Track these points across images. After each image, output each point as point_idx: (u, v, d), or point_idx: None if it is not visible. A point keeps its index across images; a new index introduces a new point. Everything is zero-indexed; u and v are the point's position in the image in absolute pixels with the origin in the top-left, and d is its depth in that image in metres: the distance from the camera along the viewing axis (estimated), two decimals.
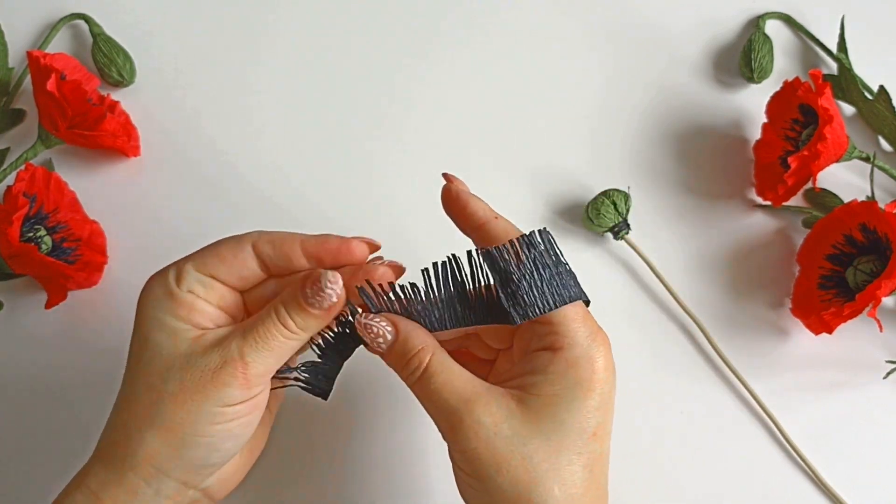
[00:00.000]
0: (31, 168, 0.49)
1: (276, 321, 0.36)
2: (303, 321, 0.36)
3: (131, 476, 0.35)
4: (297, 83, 0.57)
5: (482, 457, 0.35)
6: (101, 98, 0.54)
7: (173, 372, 0.35)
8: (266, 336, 0.36)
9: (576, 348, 0.36)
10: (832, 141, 0.50)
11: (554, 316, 0.36)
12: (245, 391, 0.36)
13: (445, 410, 0.35)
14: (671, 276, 0.53)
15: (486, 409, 0.35)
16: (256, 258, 0.37)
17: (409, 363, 0.36)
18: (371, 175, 0.55)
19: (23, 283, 0.52)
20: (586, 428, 0.35)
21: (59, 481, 0.38)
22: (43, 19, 0.58)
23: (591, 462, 0.35)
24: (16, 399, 0.50)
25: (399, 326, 0.37)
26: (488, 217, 0.38)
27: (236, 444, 0.37)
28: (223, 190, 0.55)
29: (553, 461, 0.35)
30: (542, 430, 0.35)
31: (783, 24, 0.59)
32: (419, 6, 0.59)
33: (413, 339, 0.36)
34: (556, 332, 0.36)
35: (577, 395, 0.35)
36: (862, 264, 0.50)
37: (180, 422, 0.35)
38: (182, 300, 0.37)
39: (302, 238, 0.38)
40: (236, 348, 0.35)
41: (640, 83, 0.58)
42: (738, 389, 0.51)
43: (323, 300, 0.36)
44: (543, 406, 0.35)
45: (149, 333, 0.36)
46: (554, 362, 0.36)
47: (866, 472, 0.49)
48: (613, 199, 0.52)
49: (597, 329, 0.37)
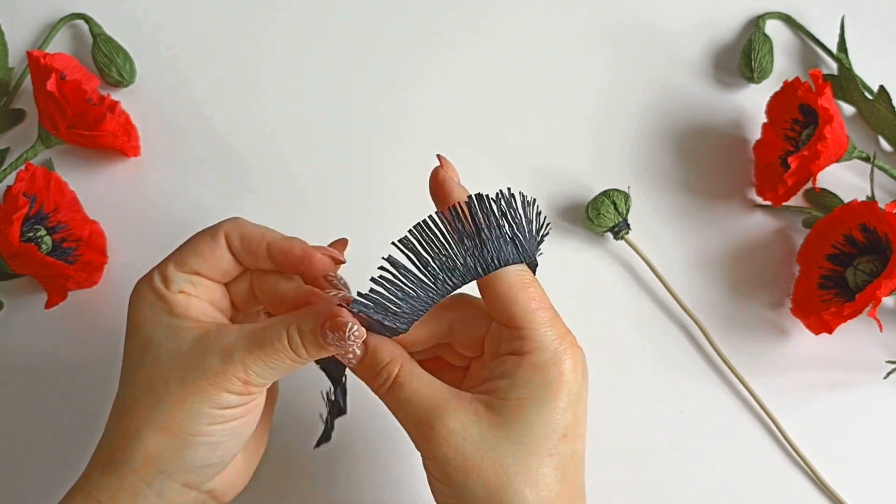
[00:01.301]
0: (31, 168, 0.49)
1: (287, 346, 0.36)
2: (315, 352, 0.36)
3: (132, 478, 0.35)
4: (297, 83, 0.57)
5: (452, 462, 0.35)
6: (101, 98, 0.54)
7: (175, 372, 0.35)
8: (273, 356, 0.35)
9: (543, 352, 0.36)
10: (832, 141, 0.50)
11: (521, 320, 0.36)
12: (244, 398, 0.36)
13: (415, 419, 0.36)
14: (671, 276, 0.53)
15: (455, 416, 0.35)
16: (229, 250, 0.38)
17: (379, 375, 0.37)
18: (372, 173, 0.55)
19: (23, 283, 0.52)
20: (555, 429, 0.35)
21: (59, 480, 0.38)
22: (43, 19, 0.58)
23: (563, 464, 0.35)
24: (16, 399, 0.50)
25: (368, 342, 0.37)
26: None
27: (236, 444, 0.37)
28: (223, 190, 0.55)
29: (522, 464, 0.35)
30: (511, 434, 0.35)
31: (783, 24, 0.59)
32: (420, 6, 0.59)
33: (381, 353, 0.37)
34: (523, 336, 0.36)
35: (544, 398, 0.35)
36: (862, 264, 0.50)
37: (179, 422, 0.35)
38: (175, 300, 0.37)
39: (270, 239, 0.38)
40: (240, 358, 0.35)
41: (640, 83, 0.58)
42: (738, 389, 0.51)
43: (341, 348, 0.36)
44: (511, 409, 0.35)
45: (150, 335, 0.36)
46: (521, 366, 0.35)
47: (866, 472, 0.49)
48: (613, 199, 0.52)
49: (565, 332, 0.36)
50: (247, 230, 0.38)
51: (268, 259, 0.38)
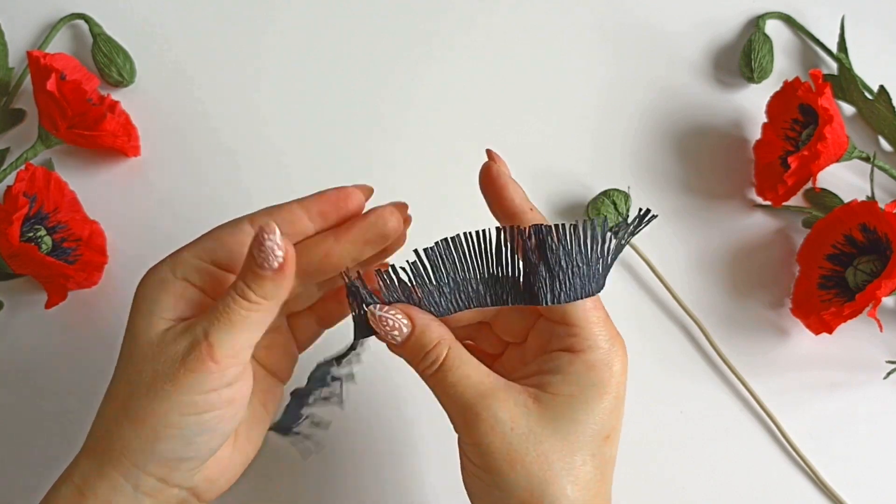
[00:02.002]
0: (31, 168, 0.49)
1: (235, 295, 0.35)
2: (259, 288, 0.35)
3: (110, 470, 0.35)
4: (297, 83, 0.57)
5: (497, 451, 0.34)
6: (101, 98, 0.54)
7: (146, 361, 0.35)
8: (227, 311, 0.34)
9: (596, 351, 0.36)
10: (832, 141, 0.50)
11: (576, 318, 0.36)
12: (216, 376, 0.34)
13: (461, 405, 0.35)
14: (671, 276, 0.53)
15: (504, 406, 0.35)
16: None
17: (426, 357, 0.36)
18: (372, 174, 0.55)
19: (23, 283, 0.52)
20: (601, 430, 0.35)
21: (56, 479, 0.38)
22: (43, 19, 0.58)
23: (603, 465, 0.36)
24: (15, 399, 0.50)
25: (416, 320, 0.36)
26: (524, 207, 0.37)
27: (212, 439, 0.36)
28: (223, 190, 0.55)
29: (568, 460, 0.35)
30: (559, 429, 0.35)
31: (783, 24, 0.59)
32: (420, 6, 0.59)
33: (430, 333, 0.36)
34: (576, 334, 0.36)
35: (593, 397, 0.35)
36: (862, 264, 0.50)
37: (151, 413, 0.34)
38: (173, 288, 0.36)
39: (297, 201, 0.37)
40: (201, 330, 0.34)
41: (640, 83, 0.58)
42: (738, 389, 0.51)
43: (268, 256, 0.34)
44: (560, 405, 0.35)
45: (135, 327, 0.36)
46: (574, 364, 0.36)
47: (866, 472, 0.49)
48: (613, 199, 0.53)
49: (616, 334, 0.37)
50: (270, 207, 0.37)
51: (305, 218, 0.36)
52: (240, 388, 0.36)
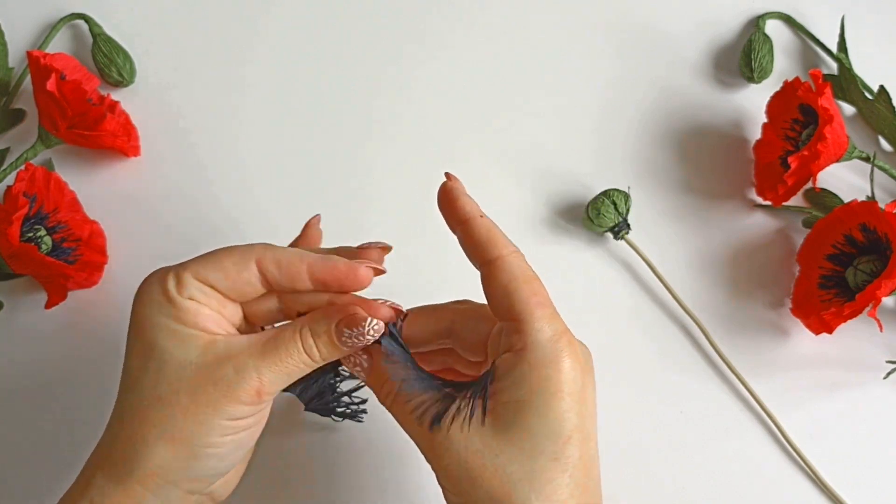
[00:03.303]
0: (31, 168, 0.49)
1: (301, 349, 0.36)
2: (328, 353, 0.36)
3: (138, 488, 0.35)
4: (297, 83, 0.57)
5: (457, 472, 0.34)
6: (101, 98, 0.54)
7: (184, 382, 0.35)
8: (287, 359, 0.35)
9: (538, 350, 0.35)
10: (832, 141, 0.50)
11: (517, 312, 0.35)
12: (257, 407, 0.36)
13: (419, 431, 0.36)
14: (671, 276, 0.53)
15: (455, 426, 0.35)
16: (260, 275, 0.36)
17: (382, 389, 0.37)
18: (373, 174, 0.55)
19: (23, 283, 0.52)
20: (559, 433, 0.34)
21: (58, 481, 0.38)
22: (43, 19, 0.58)
23: (570, 467, 0.34)
24: (15, 399, 0.50)
25: (374, 358, 0.37)
26: (474, 214, 0.37)
27: (243, 452, 0.37)
28: (223, 190, 0.55)
29: (526, 470, 0.34)
30: (513, 440, 0.34)
31: (783, 24, 0.59)
32: (420, 6, 0.59)
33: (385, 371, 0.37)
34: (520, 330, 0.35)
35: (545, 400, 0.34)
36: (862, 264, 0.50)
37: (190, 434, 0.34)
38: (185, 306, 0.36)
39: (309, 261, 0.36)
40: (253, 366, 0.35)
41: (640, 83, 0.58)
42: (738, 389, 0.51)
43: (359, 343, 0.36)
44: (511, 414, 0.34)
45: (155, 339, 0.35)
46: (518, 365, 0.35)
47: (866, 472, 0.49)
48: (613, 198, 0.52)
49: (563, 330, 0.36)
50: (282, 256, 0.36)
51: (308, 281, 0.36)
52: (269, 404, 0.37)
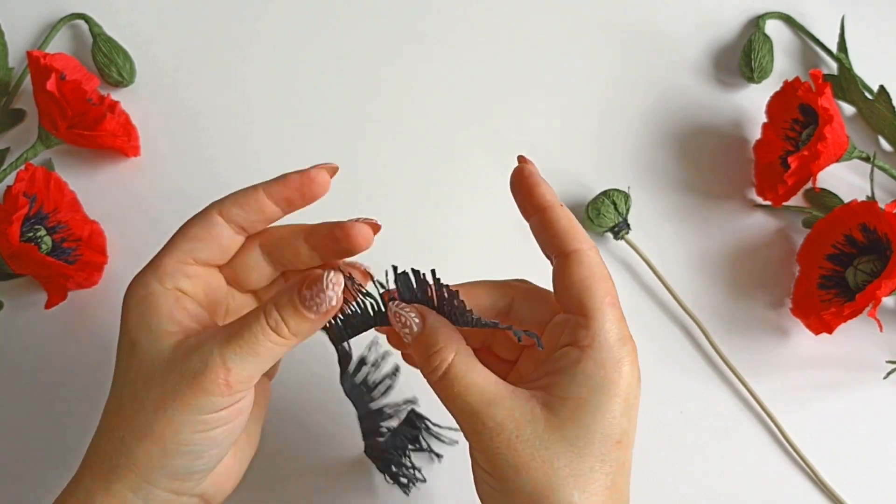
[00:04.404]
0: (31, 168, 0.49)
1: (266, 326, 0.34)
2: (297, 326, 0.35)
3: (119, 486, 0.35)
4: (298, 82, 0.57)
5: (502, 458, 0.34)
6: (101, 98, 0.54)
7: (155, 379, 0.34)
8: (252, 341, 0.34)
9: (604, 349, 0.35)
10: (832, 141, 0.50)
11: (590, 309, 0.35)
12: (227, 398, 0.34)
13: (467, 412, 0.35)
14: (671, 276, 0.53)
15: (509, 413, 0.34)
16: (228, 224, 0.37)
17: (431, 359, 0.35)
18: (373, 175, 0.55)
19: (23, 283, 0.52)
20: (611, 435, 0.34)
21: (57, 481, 0.38)
22: (43, 19, 0.58)
23: (614, 471, 0.35)
24: (15, 399, 0.50)
25: (427, 319, 0.36)
26: (554, 202, 0.37)
27: (221, 450, 0.36)
28: (223, 189, 0.54)
29: (575, 467, 0.34)
30: (566, 435, 0.34)
31: (783, 24, 0.59)
32: (420, 6, 0.59)
33: (437, 334, 0.35)
34: (588, 326, 0.35)
35: (603, 401, 0.34)
36: (862, 264, 0.50)
37: (161, 430, 0.34)
38: (166, 300, 0.36)
39: (263, 186, 0.37)
40: (218, 353, 0.34)
41: (640, 83, 0.58)
42: (738, 389, 0.51)
43: (322, 303, 0.34)
44: (568, 410, 0.34)
45: (136, 337, 0.35)
46: (582, 361, 0.35)
47: (866, 472, 0.49)
48: (613, 198, 0.52)
49: (628, 336, 0.36)
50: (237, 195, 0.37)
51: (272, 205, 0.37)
52: (246, 400, 0.36)
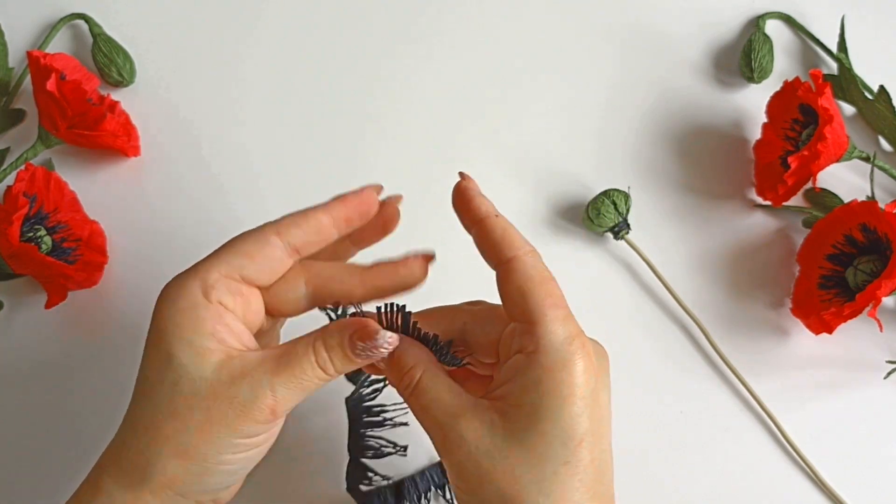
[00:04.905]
0: (31, 168, 0.49)
1: (315, 364, 0.35)
2: (342, 366, 0.36)
3: (148, 497, 0.35)
4: (298, 82, 0.57)
5: (466, 470, 0.35)
6: (101, 98, 0.54)
7: (199, 400, 0.34)
8: (301, 376, 0.35)
9: (550, 352, 0.34)
10: (832, 141, 0.50)
11: (530, 313, 0.35)
12: (271, 425, 0.36)
13: (434, 425, 0.36)
14: (671, 276, 0.53)
15: (469, 425, 0.35)
16: (284, 246, 0.37)
17: (402, 379, 0.37)
18: (373, 175, 0.55)
19: (23, 283, 0.52)
20: (571, 436, 0.34)
21: (58, 481, 0.38)
22: (43, 19, 0.58)
23: (581, 471, 0.34)
24: (16, 399, 0.50)
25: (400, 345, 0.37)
26: (489, 213, 0.37)
27: (252, 466, 0.37)
28: (223, 190, 0.55)
29: (537, 472, 0.34)
30: (524, 441, 0.34)
31: (783, 24, 0.59)
32: (420, 6, 0.59)
33: (405, 357, 0.37)
34: (533, 332, 0.35)
35: (557, 404, 0.34)
36: (862, 264, 0.50)
37: (204, 451, 0.35)
38: (209, 316, 0.35)
39: (323, 206, 0.38)
40: (267, 384, 0.35)
41: (640, 83, 0.58)
42: (738, 389, 0.51)
43: (373, 356, 0.36)
44: (524, 417, 0.34)
45: (173, 351, 0.35)
46: (530, 367, 0.35)
47: (866, 472, 0.49)
48: (613, 198, 0.52)
49: (576, 332, 0.35)
50: (297, 216, 0.37)
51: (332, 227, 0.37)
52: (281, 420, 0.37)
